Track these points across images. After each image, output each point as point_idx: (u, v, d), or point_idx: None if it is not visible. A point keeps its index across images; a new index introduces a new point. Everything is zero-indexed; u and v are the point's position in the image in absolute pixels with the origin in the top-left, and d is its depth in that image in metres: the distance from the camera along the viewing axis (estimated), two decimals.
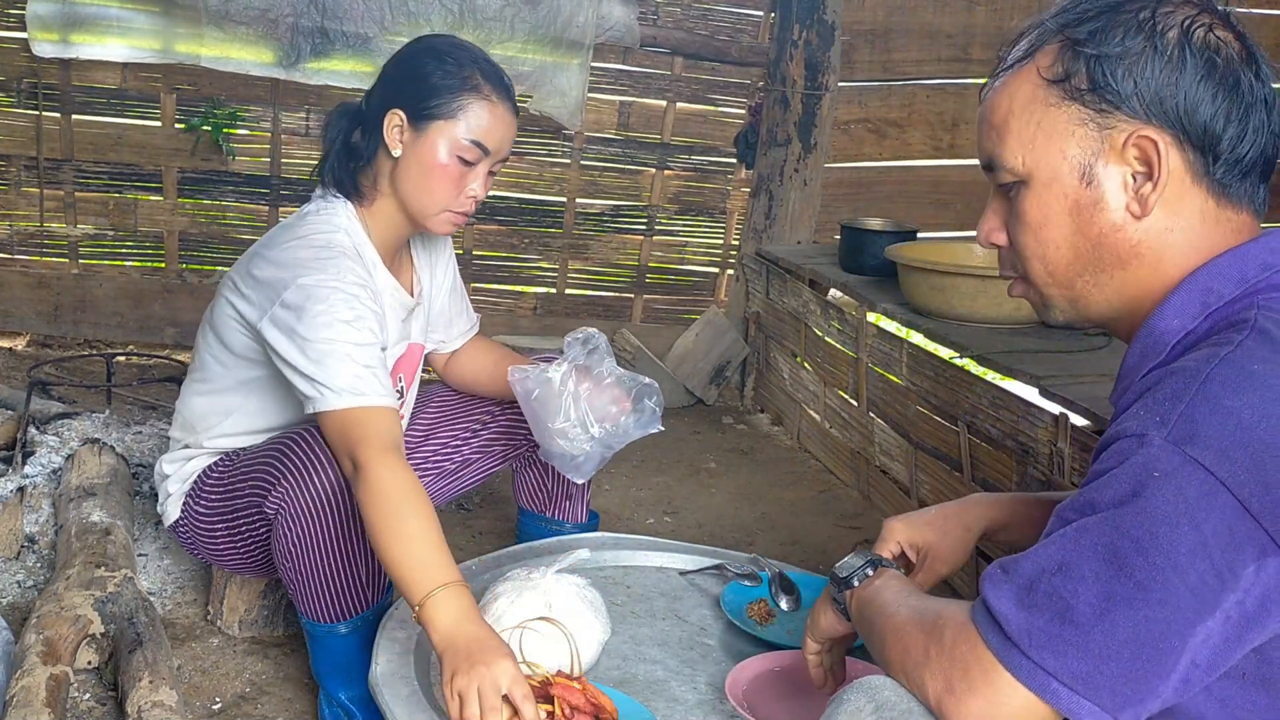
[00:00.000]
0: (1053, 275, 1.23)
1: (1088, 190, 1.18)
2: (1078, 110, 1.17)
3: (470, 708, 1.49)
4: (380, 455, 1.75)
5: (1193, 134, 1.15)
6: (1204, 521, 1.01)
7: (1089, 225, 1.19)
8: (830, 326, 3.50)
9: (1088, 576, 1.04)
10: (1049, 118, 1.19)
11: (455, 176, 1.96)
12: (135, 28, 3.71)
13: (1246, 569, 1.01)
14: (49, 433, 2.93)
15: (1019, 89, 1.21)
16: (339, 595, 1.93)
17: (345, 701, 1.99)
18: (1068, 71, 1.17)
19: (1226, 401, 1.03)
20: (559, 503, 2.31)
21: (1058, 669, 1.05)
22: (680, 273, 4.33)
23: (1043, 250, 1.22)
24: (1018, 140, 1.21)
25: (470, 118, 1.94)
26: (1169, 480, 1.02)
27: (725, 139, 4.19)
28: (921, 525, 1.55)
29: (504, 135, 1.99)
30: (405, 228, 2.05)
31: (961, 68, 4.21)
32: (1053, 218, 1.20)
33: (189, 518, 2.13)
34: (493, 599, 1.78)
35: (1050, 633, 1.05)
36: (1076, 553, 1.05)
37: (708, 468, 3.53)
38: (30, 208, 3.90)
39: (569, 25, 3.88)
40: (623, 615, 1.95)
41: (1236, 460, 1.01)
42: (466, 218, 2.02)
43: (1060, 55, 1.18)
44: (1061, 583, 1.05)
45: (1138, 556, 1.02)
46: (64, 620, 2.06)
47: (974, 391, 2.67)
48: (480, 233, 4.16)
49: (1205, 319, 1.15)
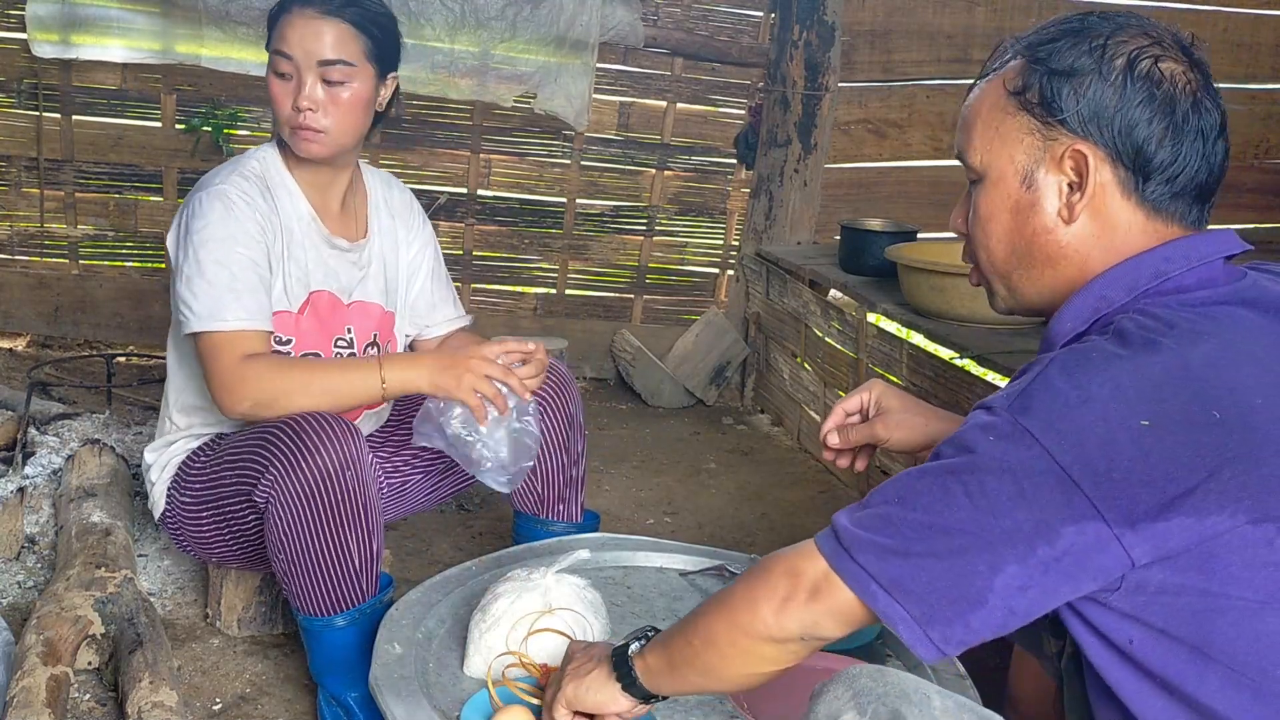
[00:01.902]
0: (993, 265, 1.37)
1: (1027, 193, 1.31)
2: (1028, 120, 1.29)
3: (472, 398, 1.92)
4: (240, 365, 1.93)
5: (1125, 153, 1.25)
6: (1024, 479, 1.13)
7: (1025, 224, 1.32)
8: (830, 327, 3.50)
9: (918, 506, 1.18)
10: (1005, 125, 1.31)
11: (280, 94, 2.04)
12: (135, 28, 3.72)
13: (1067, 528, 1.12)
14: (49, 433, 2.94)
15: (988, 96, 1.34)
16: (334, 585, 1.93)
17: (345, 701, 1.99)
18: (1025, 85, 1.29)
19: (1058, 383, 1.16)
20: (552, 504, 2.31)
21: (878, 572, 1.18)
22: (680, 273, 4.33)
23: (987, 242, 1.36)
24: (979, 141, 1.34)
25: (277, 35, 2.05)
26: (1001, 441, 1.15)
27: (725, 139, 4.19)
28: (894, 394, 1.73)
29: (304, 35, 2.01)
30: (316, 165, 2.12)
31: (961, 68, 4.21)
32: (996, 214, 1.34)
33: (174, 508, 2.14)
34: (493, 599, 1.78)
35: (876, 542, 1.19)
36: (912, 488, 1.20)
37: (708, 468, 3.53)
38: (30, 208, 3.90)
39: (572, 25, 3.88)
40: (623, 615, 1.95)
41: (1061, 433, 1.13)
42: (316, 133, 2.03)
43: (1022, 70, 1.30)
44: (894, 509, 1.20)
45: (964, 495, 1.15)
46: (64, 621, 2.06)
47: (974, 392, 2.67)
48: (480, 233, 4.16)
49: (1093, 324, 1.27)
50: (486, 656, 1.72)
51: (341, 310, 2.18)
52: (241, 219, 2.01)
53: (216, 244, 1.98)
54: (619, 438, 3.74)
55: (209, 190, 2.04)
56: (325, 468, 1.88)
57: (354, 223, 2.23)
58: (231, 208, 2.01)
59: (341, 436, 1.90)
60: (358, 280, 2.21)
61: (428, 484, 2.34)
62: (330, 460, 1.88)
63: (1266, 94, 4.63)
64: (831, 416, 1.76)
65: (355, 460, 1.90)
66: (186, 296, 1.99)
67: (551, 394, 2.27)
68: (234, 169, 2.09)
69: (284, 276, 2.09)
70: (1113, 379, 1.14)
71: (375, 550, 1.95)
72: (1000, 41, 1.37)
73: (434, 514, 2.96)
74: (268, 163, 2.12)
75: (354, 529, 1.91)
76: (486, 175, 4.12)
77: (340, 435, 1.90)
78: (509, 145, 4.12)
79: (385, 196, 2.30)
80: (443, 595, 1.93)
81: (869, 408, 1.74)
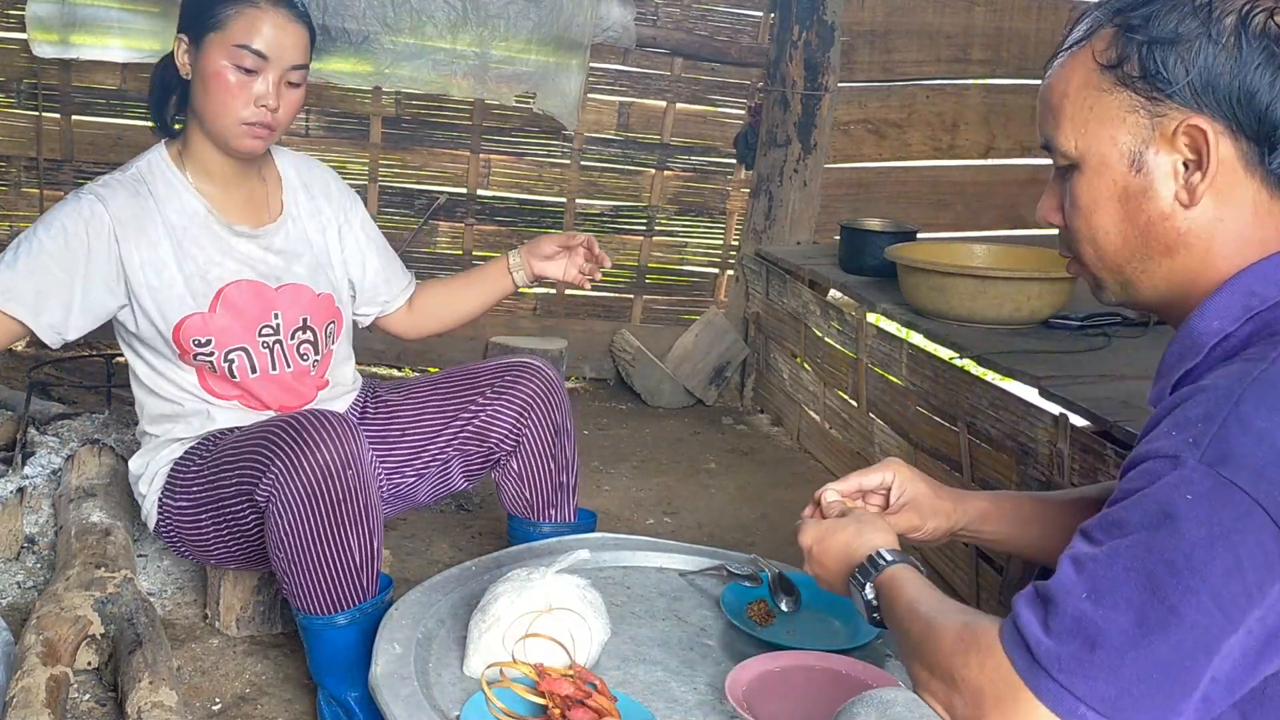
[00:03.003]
0: (1102, 259, 1.23)
1: (1137, 177, 1.18)
2: (1129, 97, 1.17)
3: None
4: None
5: (1246, 124, 1.13)
6: (1239, 544, 1.00)
7: (1137, 212, 1.19)
8: (830, 327, 3.50)
9: (1119, 602, 1.03)
10: (1101, 103, 1.18)
11: (236, 87, 1.99)
12: (135, 28, 3.72)
13: (1275, 586, 1.01)
14: (49, 433, 2.93)
15: (1074, 72, 1.21)
16: (335, 583, 1.93)
17: (345, 701, 1.99)
18: (1120, 57, 1.17)
19: (1259, 423, 1.02)
20: (543, 507, 2.31)
21: (1086, 693, 1.04)
22: (680, 273, 4.33)
23: (1092, 235, 1.22)
24: (1071, 124, 1.21)
25: (241, 25, 1.99)
26: (1203, 502, 1.01)
27: (725, 139, 4.19)
28: (918, 478, 1.57)
29: (279, 40, 2.01)
30: (222, 153, 2.10)
31: (961, 68, 4.21)
32: (1102, 203, 1.20)
33: (168, 515, 2.13)
34: (493, 599, 1.78)
35: (1080, 658, 1.04)
36: (1108, 577, 1.04)
37: (708, 468, 3.53)
38: (30, 208, 3.90)
39: (569, 25, 3.88)
40: (623, 616, 1.95)
41: (1272, 480, 1.00)
42: (269, 130, 2.04)
43: (1114, 40, 1.17)
44: (1092, 608, 1.04)
45: (1171, 579, 1.01)
46: (64, 621, 2.06)
47: (974, 392, 2.67)
48: (480, 233, 4.16)
49: (1245, 322, 1.14)
50: (486, 656, 1.72)
51: (268, 296, 2.15)
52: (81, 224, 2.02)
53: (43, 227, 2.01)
54: (619, 438, 3.74)
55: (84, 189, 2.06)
56: (326, 465, 1.88)
57: (262, 208, 2.20)
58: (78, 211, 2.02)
59: (342, 434, 1.90)
60: (283, 265, 2.19)
61: (422, 484, 2.34)
62: (331, 458, 1.88)
63: None
64: (845, 482, 1.58)
65: (356, 458, 1.90)
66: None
67: (539, 400, 2.27)
68: (117, 171, 2.09)
69: (182, 278, 2.07)
70: None
71: (375, 548, 1.95)
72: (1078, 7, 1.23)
73: (434, 514, 2.96)
74: (153, 165, 2.11)
75: (355, 527, 1.91)
76: (486, 175, 4.12)
77: (341, 432, 1.90)
78: (508, 145, 4.12)
79: (303, 179, 2.27)
80: (443, 595, 1.93)
81: (891, 491, 1.58)
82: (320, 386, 2.24)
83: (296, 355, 2.19)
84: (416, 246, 4.10)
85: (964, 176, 4.31)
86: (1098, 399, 2.27)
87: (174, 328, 2.07)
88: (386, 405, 2.35)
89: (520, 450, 2.28)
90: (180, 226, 2.08)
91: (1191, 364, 1.16)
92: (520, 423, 2.27)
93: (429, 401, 2.33)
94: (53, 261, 2.00)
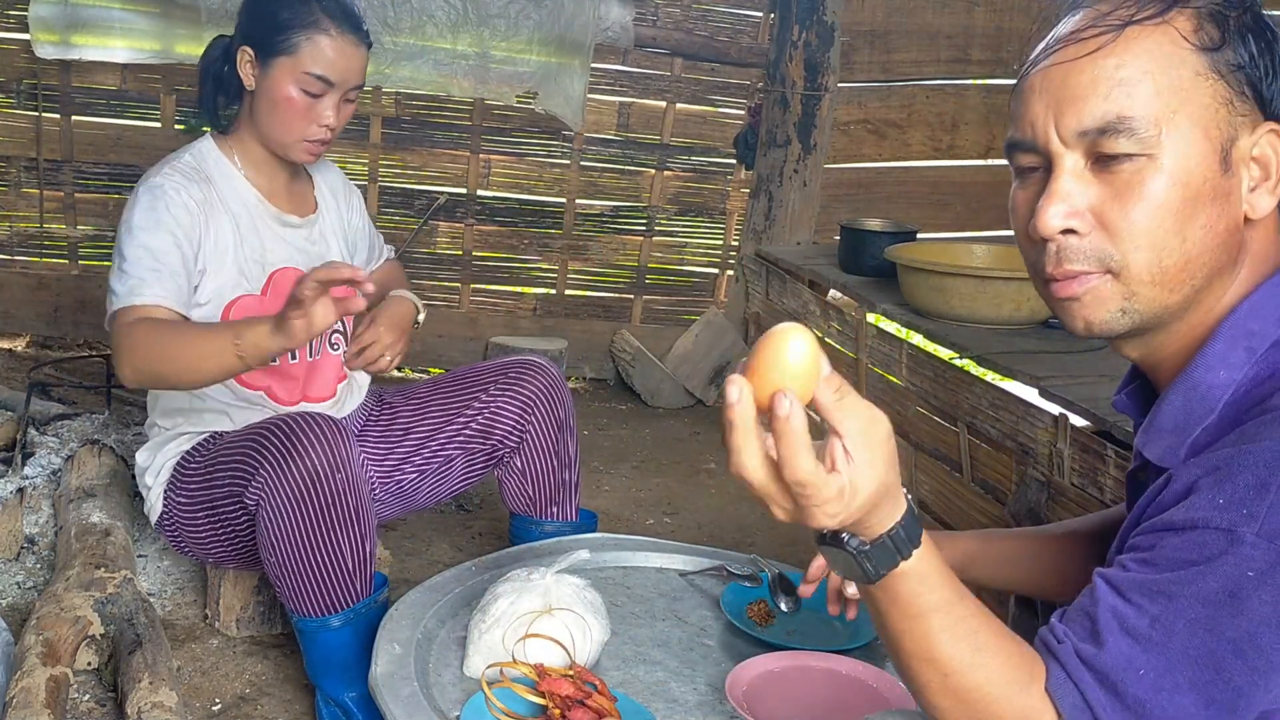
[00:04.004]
0: (1165, 272, 1.04)
1: (1224, 179, 1.03)
2: (1224, 88, 1.03)
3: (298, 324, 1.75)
4: (125, 333, 1.90)
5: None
6: None
7: (1218, 219, 1.04)
8: (830, 327, 3.50)
9: (1183, 685, 0.97)
10: (1197, 90, 1.02)
11: (302, 109, 2.07)
12: (135, 29, 3.72)
13: None
14: (49, 434, 2.93)
15: (1158, 48, 1.03)
16: (327, 586, 1.93)
17: (343, 701, 1.99)
18: (1220, 40, 1.02)
19: None
20: (545, 505, 2.31)
21: None
22: (680, 273, 4.33)
23: (1164, 240, 1.03)
24: (1158, 106, 1.02)
25: (311, 52, 2.05)
26: (1267, 580, 0.95)
27: (725, 140, 4.19)
28: None
29: (346, 66, 2.08)
30: (269, 153, 2.16)
31: (961, 69, 4.21)
32: (1185, 203, 1.02)
33: (171, 510, 2.14)
34: (493, 599, 1.78)
35: None
36: (1168, 657, 0.98)
37: (707, 468, 3.53)
38: (30, 209, 3.90)
39: (570, 25, 3.88)
40: (623, 616, 1.95)
41: None
42: (324, 145, 2.13)
43: (1206, 20, 1.03)
44: (1155, 693, 0.98)
45: (1238, 661, 0.96)
46: (64, 621, 2.06)
47: (974, 392, 2.67)
48: (480, 233, 4.16)
49: (1251, 365, 1.05)
50: (486, 656, 1.72)
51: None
52: (170, 206, 2.03)
53: (142, 231, 2.00)
54: (619, 438, 3.74)
55: (142, 184, 2.06)
56: (314, 470, 1.88)
57: (302, 201, 2.27)
58: (160, 197, 2.03)
59: (331, 437, 1.90)
60: (320, 255, 2.24)
61: (425, 484, 2.34)
62: (319, 462, 1.88)
63: None
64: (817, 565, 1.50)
65: (345, 461, 1.90)
66: (113, 282, 1.99)
67: (543, 397, 2.28)
68: (168, 162, 2.11)
69: (239, 260, 2.11)
70: None
71: (368, 551, 1.95)
72: None
73: (433, 514, 2.96)
74: (204, 155, 2.14)
75: (345, 530, 1.91)
76: (486, 175, 4.12)
77: (330, 436, 1.90)
78: (508, 145, 4.12)
79: (323, 177, 2.35)
80: (443, 595, 1.93)
81: None
82: (340, 380, 2.28)
83: (328, 345, 2.24)
84: (416, 247, 4.10)
85: (964, 176, 4.31)
86: (1098, 399, 2.27)
87: (225, 306, 2.09)
88: (391, 407, 2.36)
89: (524, 447, 2.29)
90: (237, 212, 2.13)
91: (1206, 422, 1.07)
92: (524, 419, 2.27)
93: (432, 400, 2.34)
94: (168, 255, 2.00)
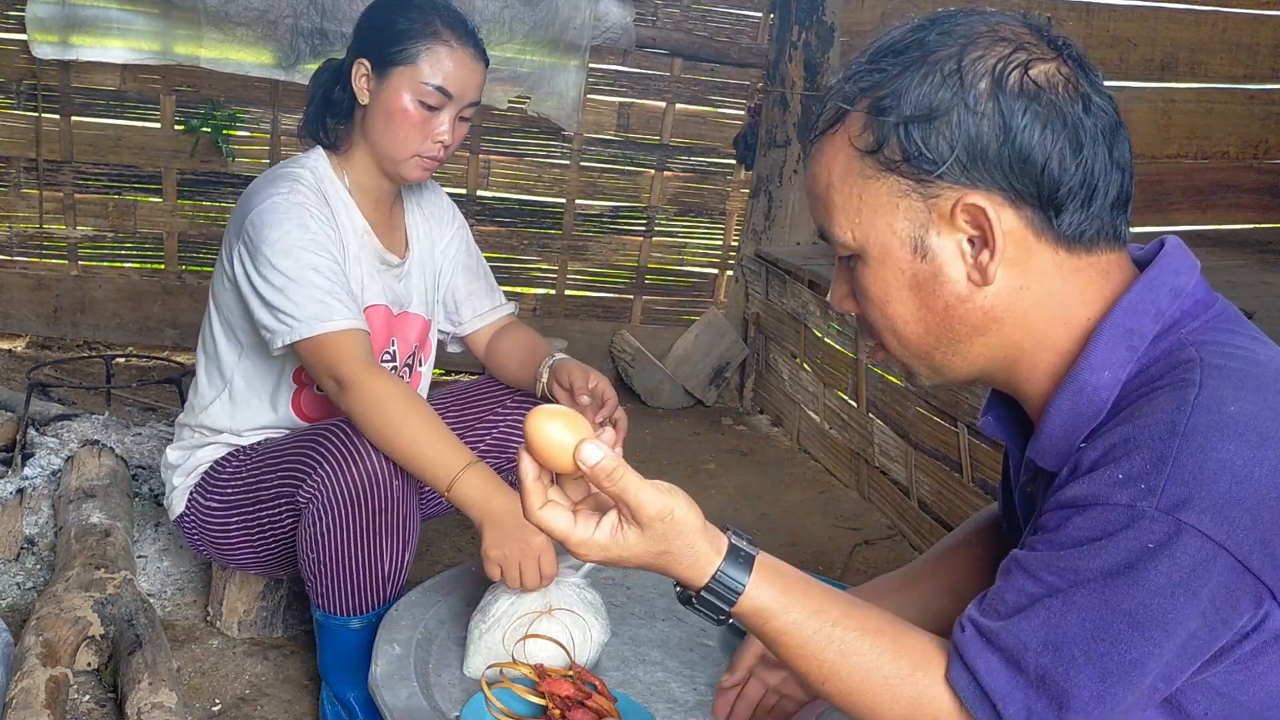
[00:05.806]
0: (908, 348, 1.14)
1: (924, 264, 1.08)
2: (897, 182, 1.07)
3: (510, 573, 1.74)
4: (365, 369, 1.85)
5: (1025, 191, 1.05)
6: (1201, 588, 0.97)
7: (934, 299, 1.09)
8: (830, 327, 3.50)
9: (1079, 657, 0.99)
10: (870, 191, 1.08)
11: (419, 121, 2.00)
12: (135, 29, 3.72)
13: (1241, 619, 1.00)
14: (48, 434, 2.93)
15: (834, 159, 1.11)
16: (360, 588, 1.93)
17: (348, 700, 1.99)
18: (879, 140, 1.07)
19: (1215, 454, 0.96)
20: None
21: None
22: (679, 274, 4.33)
23: (892, 325, 1.13)
24: (844, 215, 1.11)
25: (430, 62, 1.98)
26: (1164, 551, 0.96)
27: (724, 140, 4.19)
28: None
29: (466, 80, 2.01)
30: (382, 176, 2.08)
31: None
32: (894, 294, 1.11)
33: (195, 512, 2.13)
34: (493, 600, 1.78)
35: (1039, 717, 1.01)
36: (1064, 629, 1.00)
37: (707, 468, 3.53)
38: (30, 209, 3.90)
39: (566, 27, 3.88)
40: (623, 616, 1.95)
41: (1234, 519, 0.96)
42: (437, 162, 2.05)
43: (867, 123, 1.08)
44: (1054, 663, 1.00)
45: (1132, 632, 0.98)
46: (64, 622, 2.06)
47: (973, 392, 2.67)
48: (479, 234, 4.15)
49: (1134, 362, 1.07)
50: (486, 656, 1.72)
51: (391, 323, 2.15)
52: (322, 224, 1.96)
53: (303, 251, 1.91)
54: None
55: (275, 201, 1.95)
56: (374, 474, 1.87)
57: (399, 236, 2.19)
58: (307, 216, 1.95)
59: None
60: (405, 293, 2.18)
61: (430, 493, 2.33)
62: (379, 467, 1.87)
63: (1266, 94, 4.64)
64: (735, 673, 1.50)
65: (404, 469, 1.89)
66: (285, 306, 1.89)
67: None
68: (288, 178, 2.00)
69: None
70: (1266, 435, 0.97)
71: (406, 559, 1.95)
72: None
73: None
74: (320, 174, 2.06)
75: (391, 537, 1.91)
76: (486, 176, 4.12)
77: None
78: (508, 146, 4.12)
79: (418, 200, 2.26)
80: (443, 595, 1.93)
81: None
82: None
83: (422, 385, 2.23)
84: None
85: None
86: None
87: None
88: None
89: None
90: (349, 240, 2.05)
91: (1096, 421, 1.07)
92: None
93: (449, 412, 2.33)
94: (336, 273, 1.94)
